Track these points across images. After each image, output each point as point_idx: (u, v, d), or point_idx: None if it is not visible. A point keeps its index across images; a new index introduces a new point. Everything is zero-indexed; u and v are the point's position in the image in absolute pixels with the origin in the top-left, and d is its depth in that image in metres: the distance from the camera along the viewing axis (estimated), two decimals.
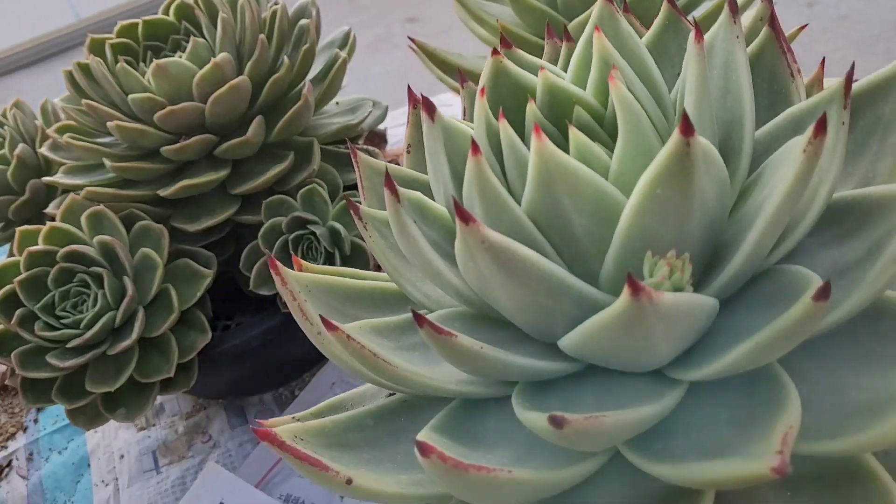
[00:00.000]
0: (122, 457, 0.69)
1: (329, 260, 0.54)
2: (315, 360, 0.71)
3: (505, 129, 0.30)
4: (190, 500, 0.56)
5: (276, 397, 0.69)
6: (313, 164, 0.56)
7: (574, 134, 0.30)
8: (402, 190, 0.33)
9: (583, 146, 0.30)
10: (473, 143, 0.28)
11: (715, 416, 0.29)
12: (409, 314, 0.38)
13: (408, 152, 0.47)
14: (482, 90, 0.31)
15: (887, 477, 0.28)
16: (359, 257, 0.55)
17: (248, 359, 0.60)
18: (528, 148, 0.30)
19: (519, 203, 0.30)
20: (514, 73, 0.33)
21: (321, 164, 0.60)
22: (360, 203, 0.38)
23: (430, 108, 0.33)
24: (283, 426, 0.33)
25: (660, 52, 0.36)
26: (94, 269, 0.52)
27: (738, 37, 0.31)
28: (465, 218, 0.26)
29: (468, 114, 0.42)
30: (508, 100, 0.33)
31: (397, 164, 0.45)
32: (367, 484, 0.31)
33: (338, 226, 0.55)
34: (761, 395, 0.28)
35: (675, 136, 0.25)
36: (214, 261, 0.56)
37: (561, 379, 0.31)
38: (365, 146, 0.63)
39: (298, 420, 0.40)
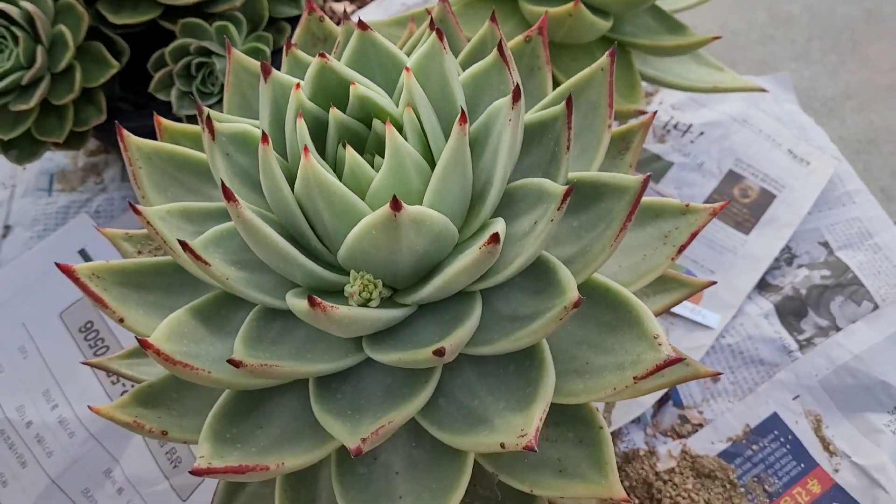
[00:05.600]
0: (25, 167, 0.78)
1: (222, 92, 0.61)
2: None
3: (301, 127, 0.37)
4: (53, 242, 0.66)
5: None
6: None
7: (349, 152, 0.37)
8: (222, 126, 0.40)
9: (354, 163, 0.37)
10: (264, 135, 0.36)
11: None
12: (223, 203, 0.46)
13: None
14: (297, 85, 0.38)
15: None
16: None
17: None
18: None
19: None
20: (338, 70, 0.39)
21: None
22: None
23: (267, 71, 0.39)
24: (86, 265, 0.42)
25: (483, 81, 0.42)
26: (15, 29, 0.58)
27: (510, 120, 0.37)
28: (229, 198, 0.35)
29: (340, 48, 0.48)
30: (333, 86, 0.40)
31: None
32: (136, 327, 0.42)
33: None
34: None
35: (385, 209, 0.33)
36: (127, 52, 0.62)
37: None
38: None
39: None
